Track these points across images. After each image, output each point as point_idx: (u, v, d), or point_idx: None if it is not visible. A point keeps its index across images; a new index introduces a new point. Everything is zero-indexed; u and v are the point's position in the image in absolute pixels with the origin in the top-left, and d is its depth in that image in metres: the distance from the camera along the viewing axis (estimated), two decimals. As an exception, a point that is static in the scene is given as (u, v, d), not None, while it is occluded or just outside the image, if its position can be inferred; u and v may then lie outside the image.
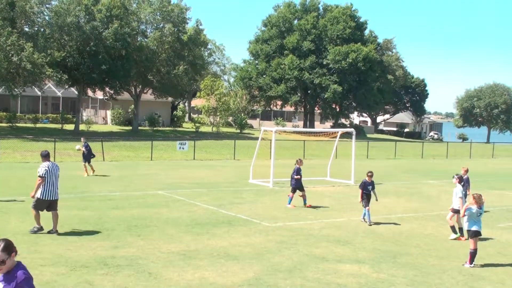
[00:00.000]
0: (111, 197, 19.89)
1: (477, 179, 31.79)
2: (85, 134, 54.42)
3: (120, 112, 70.70)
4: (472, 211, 12.37)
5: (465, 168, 19.74)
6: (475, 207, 12.40)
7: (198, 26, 66.54)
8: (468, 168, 19.84)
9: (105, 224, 15.16)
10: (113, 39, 55.34)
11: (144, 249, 12.64)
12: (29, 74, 49.64)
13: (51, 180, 13.96)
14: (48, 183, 13.91)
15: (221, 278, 10.68)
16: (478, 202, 12.41)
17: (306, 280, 10.79)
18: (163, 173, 28.47)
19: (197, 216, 16.92)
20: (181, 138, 52.06)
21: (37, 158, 32.91)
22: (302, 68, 75.22)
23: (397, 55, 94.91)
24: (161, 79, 63.26)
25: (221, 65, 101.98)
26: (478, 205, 12.42)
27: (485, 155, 55.05)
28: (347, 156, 35.95)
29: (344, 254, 12.96)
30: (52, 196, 14.00)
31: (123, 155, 37.48)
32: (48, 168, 13.96)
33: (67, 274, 10.55)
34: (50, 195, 13.97)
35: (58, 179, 14.29)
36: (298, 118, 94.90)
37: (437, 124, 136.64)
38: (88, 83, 58.99)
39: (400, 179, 30.22)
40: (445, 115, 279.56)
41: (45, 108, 72.13)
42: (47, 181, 13.89)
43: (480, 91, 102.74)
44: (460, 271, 11.88)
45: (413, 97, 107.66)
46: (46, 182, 13.86)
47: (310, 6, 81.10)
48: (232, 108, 76.50)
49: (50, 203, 14.05)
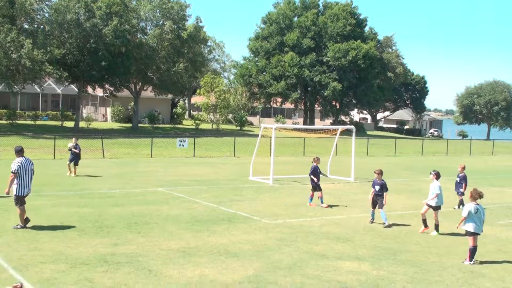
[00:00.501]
0: (111, 194, 19.89)
1: (477, 176, 31.80)
2: (85, 131, 54.43)
3: (120, 109, 70.67)
4: (471, 212, 12.34)
5: (462, 165, 19.69)
6: (473, 206, 12.35)
7: (198, 23, 66.47)
8: (465, 166, 19.82)
9: (105, 221, 15.16)
10: (113, 36, 55.29)
11: (144, 246, 12.64)
12: (28, 71, 49.64)
13: (25, 175, 13.96)
14: (23, 179, 13.93)
15: (221, 275, 10.69)
16: (474, 196, 12.38)
17: (306, 277, 10.79)
18: (163, 170, 28.47)
19: (197, 213, 16.93)
20: (181, 135, 52.07)
21: (38, 155, 32.97)
22: (302, 65, 75.16)
23: (397, 52, 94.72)
24: (161, 76, 63.21)
25: (221, 62, 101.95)
26: (473, 199, 12.40)
27: (485, 152, 55.07)
28: (347, 153, 35.96)
29: (344, 251, 12.97)
30: (27, 191, 14.08)
31: (123, 152, 37.48)
32: (22, 164, 13.97)
33: (67, 271, 10.55)
34: (26, 190, 14.08)
35: (32, 174, 14.28)
36: (298, 115, 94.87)
37: (437, 121, 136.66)
38: (88, 80, 58.99)
39: (400, 176, 30.23)
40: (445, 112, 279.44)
41: (45, 105, 72.10)
42: (21, 176, 13.89)
43: (480, 88, 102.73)
44: (460, 268, 11.89)
45: (413, 94, 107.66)
46: (20, 178, 13.87)
47: (310, 3, 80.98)
48: (232, 105, 76.44)
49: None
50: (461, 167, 19.62)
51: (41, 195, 19.11)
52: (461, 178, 19.56)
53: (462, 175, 19.50)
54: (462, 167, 19.58)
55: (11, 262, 10.94)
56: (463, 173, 19.52)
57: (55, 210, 16.55)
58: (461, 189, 19.47)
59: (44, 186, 21.17)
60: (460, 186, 19.56)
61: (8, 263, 10.87)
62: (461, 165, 19.90)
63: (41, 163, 29.69)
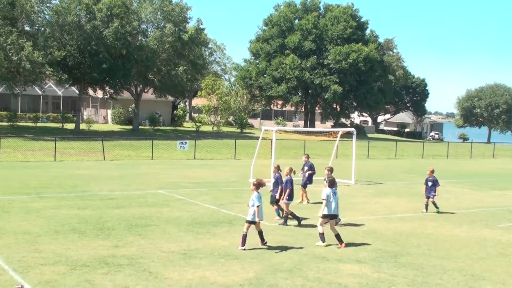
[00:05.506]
0: (111, 196, 19.88)
1: (477, 179, 31.81)
2: (86, 133, 54.45)
3: (121, 111, 70.70)
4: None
5: (431, 169, 19.34)
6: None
7: (199, 26, 66.46)
8: (433, 169, 19.43)
9: (106, 223, 15.15)
10: (114, 38, 55.34)
11: (144, 248, 12.63)
12: (29, 73, 49.68)
13: None
14: None
15: (221, 278, 10.68)
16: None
17: (307, 280, 10.78)
18: (163, 172, 28.47)
19: (197, 215, 16.91)
20: (182, 138, 52.05)
21: (38, 157, 33.02)
22: (303, 68, 75.20)
23: (398, 55, 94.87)
24: (161, 79, 63.26)
25: (222, 64, 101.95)
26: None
27: (485, 155, 55.04)
28: (347, 156, 35.94)
29: (345, 254, 12.95)
30: None
31: (124, 154, 37.48)
32: None
33: (68, 273, 10.54)
34: None
35: None
36: (298, 118, 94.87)
37: (438, 124, 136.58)
38: (88, 82, 58.99)
39: (400, 179, 30.21)
40: (446, 115, 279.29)
41: (46, 107, 72.14)
42: None
43: (481, 91, 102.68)
44: (460, 271, 11.86)
45: (413, 97, 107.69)
46: None
47: (311, 5, 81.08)
48: (233, 108, 76.45)
49: None
50: (430, 171, 19.17)
51: (42, 197, 19.12)
52: (432, 181, 19.00)
53: (433, 179, 19.00)
54: (431, 171, 19.14)
55: (11, 264, 10.93)
56: (433, 176, 19.07)
57: (55, 212, 16.53)
58: (433, 192, 18.96)
59: (44, 188, 21.18)
60: (433, 190, 19.02)
61: (9, 265, 10.86)
62: (430, 168, 19.42)
63: (42, 165, 29.74)
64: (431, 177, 18.98)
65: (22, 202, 18.01)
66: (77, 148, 39.70)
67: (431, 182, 18.93)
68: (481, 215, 19.11)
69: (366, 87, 77.68)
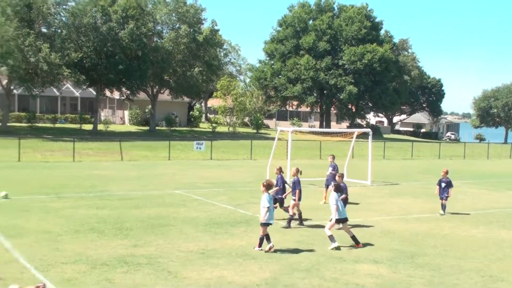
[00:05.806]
0: (129, 197, 20.09)
1: (494, 180, 31.60)
2: (103, 134, 54.89)
3: (138, 112, 71.18)
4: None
5: (445, 170, 19.09)
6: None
7: (214, 27, 66.68)
8: (448, 170, 19.24)
9: (124, 223, 15.33)
10: (129, 40, 55.79)
11: (163, 248, 12.78)
12: (46, 75, 50.23)
13: None
14: None
15: (239, 277, 10.79)
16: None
17: (324, 280, 10.85)
18: (180, 173, 28.66)
19: (214, 215, 17.05)
20: (198, 138, 52.30)
21: (57, 158, 33.39)
22: (318, 68, 75.14)
23: (413, 55, 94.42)
24: (177, 80, 63.59)
25: (236, 65, 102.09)
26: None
27: (502, 155, 54.59)
28: (363, 157, 35.91)
29: (361, 254, 12.99)
30: None
31: (141, 155, 37.75)
32: None
33: (88, 272, 10.72)
34: None
35: None
36: (314, 118, 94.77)
37: (454, 125, 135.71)
38: (105, 83, 59.51)
39: (417, 180, 30.12)
40: (462, 116, 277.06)
41: (64, 108, 72.83)
42: None
43: (497, 91, 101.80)
44: (478, 272, 11.85)
45: (429, 97, 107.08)
46: None
47: (325, 6, 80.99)
48: (248, 108, 76.59)
49: None
50: (443, 172, 18.96)
51: (61, 197, 19.37)
52: (447, 182, 18.82)
53: (447, 180, 18.80)
54: (445, 172, 18.92)
55: (33, 263, 11.14)
56: (447, 178, 18.86)
57: (74, 211, 16.76)
58: (446, 194, 18.78)
59: (63, 188, 21.45)
60: (446, 191, 18.84)
61: (30, 264, 11.07)
62: (444, 169, 19.20)
63: (61, 166, 30.08)
64: (445, 178, 18.78)
65: (41, 202, 18.27)
66: (95, 148, 40.07)
67: (444, 183, 18.75)
68: (498, 216, 19.02)
69: (381, 88, 77.43)
